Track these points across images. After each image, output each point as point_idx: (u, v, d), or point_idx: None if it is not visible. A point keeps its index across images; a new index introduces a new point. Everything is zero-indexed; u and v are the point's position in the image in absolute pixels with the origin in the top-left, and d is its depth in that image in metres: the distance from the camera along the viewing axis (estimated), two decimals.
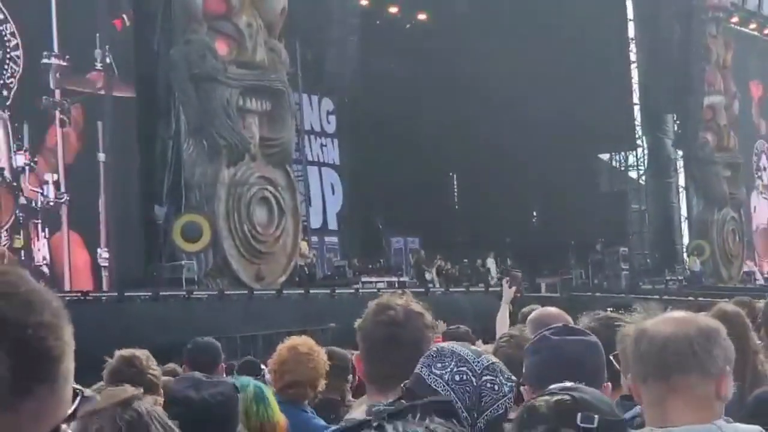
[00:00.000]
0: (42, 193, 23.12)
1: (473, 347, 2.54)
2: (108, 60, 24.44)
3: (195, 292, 23.02)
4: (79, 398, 1.37)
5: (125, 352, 5.02)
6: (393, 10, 35.60)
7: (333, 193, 34.56)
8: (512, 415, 2.46)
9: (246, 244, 25.29)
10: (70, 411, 1.37)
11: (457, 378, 2.39)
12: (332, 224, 34.03)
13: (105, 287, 23.42)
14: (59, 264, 23.05)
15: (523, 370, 3.01)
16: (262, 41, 25.74)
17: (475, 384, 2.39)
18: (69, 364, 1.35)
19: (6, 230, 22.34)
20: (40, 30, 23.51)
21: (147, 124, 24.92)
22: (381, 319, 3.05)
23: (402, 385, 2.52)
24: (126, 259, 24.20)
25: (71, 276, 23.12)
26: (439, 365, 2.42)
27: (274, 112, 26.09)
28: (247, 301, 23.46)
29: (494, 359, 2.48)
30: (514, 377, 2.50)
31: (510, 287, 8.34)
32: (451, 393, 2.37)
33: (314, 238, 31.47)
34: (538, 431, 2.30)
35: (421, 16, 36.28)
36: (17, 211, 22.72)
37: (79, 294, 20.64)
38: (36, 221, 23.02)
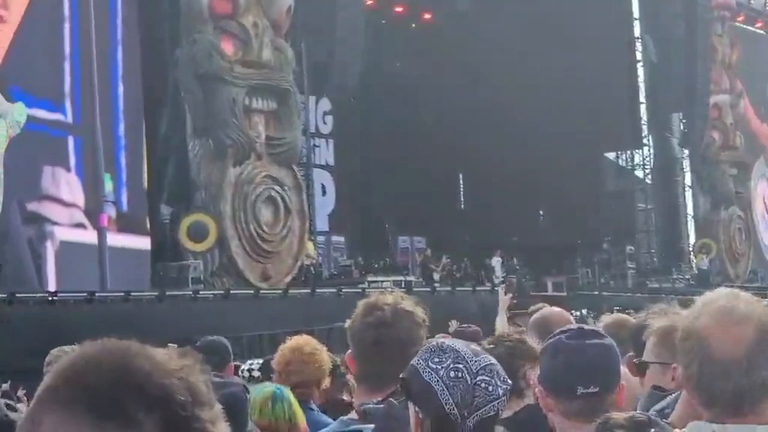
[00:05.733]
0: None
1: (474, 347, 2.52)
2: None
3: (201, 292, 23.01)
4: None
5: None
6: (399, 9, 35.59)
7: (324, 194, 33.73)
8: (506, 414, 2.45)
9: (252, 243, 25.27)
10: None
11: (452, 374, 2.38)
12: (322, 225, 33.06)
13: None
14: None
15: (539, 372, 3.00)
16: (268, 41, 25.74)
17: (469, 382, 2.38)
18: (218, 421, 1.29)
19: None
20: None
21: (153, 124, 24.87)
22: (369, 320, 3.08)
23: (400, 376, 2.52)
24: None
25: None
26: (436, 359, 2.42)
27: (280, 111, 26.08)
28: (253, 301, 23.45)
29: (493, 361, 2.47)
30: (509, 381, 2.49)
31: (506, 294, 8.34)
32: (444, 389, 2.36)
33: (320, 238, 31.33)
34: None
35: (427, 16, 36.27)
36: None
37: (85, 294, 20.62)
38: None
